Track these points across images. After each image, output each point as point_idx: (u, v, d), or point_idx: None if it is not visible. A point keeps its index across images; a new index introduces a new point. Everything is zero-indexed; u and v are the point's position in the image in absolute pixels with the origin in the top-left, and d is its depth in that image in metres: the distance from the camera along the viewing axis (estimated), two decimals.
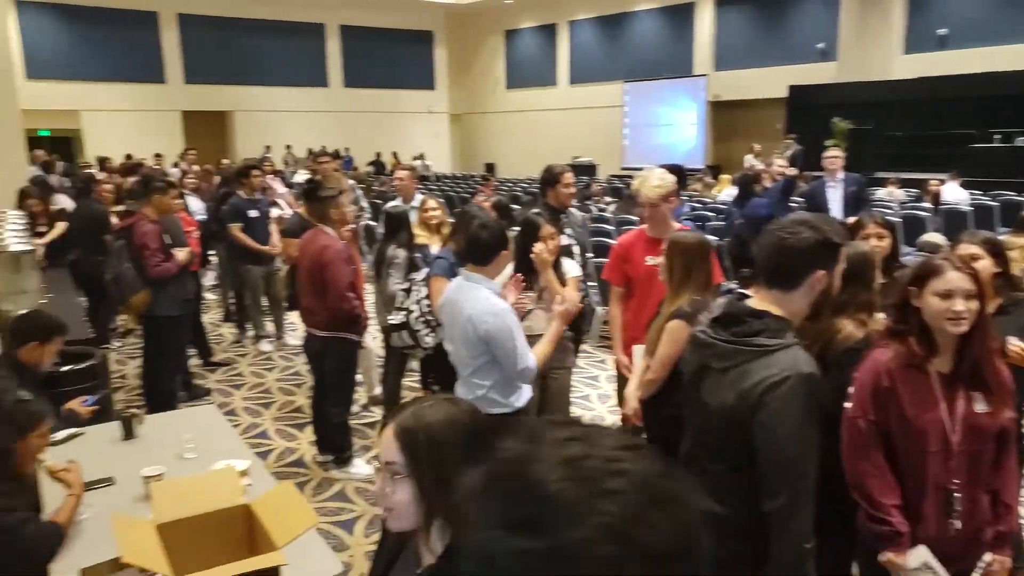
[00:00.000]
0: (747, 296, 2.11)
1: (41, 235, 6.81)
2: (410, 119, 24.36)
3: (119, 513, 1.86)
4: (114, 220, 6.61)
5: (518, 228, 3.76)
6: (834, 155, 6.75)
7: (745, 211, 7.20)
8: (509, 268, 3.54)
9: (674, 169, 4.27)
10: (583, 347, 6.33)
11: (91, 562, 1.85)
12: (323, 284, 4.24)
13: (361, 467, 4.50)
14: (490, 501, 0.65)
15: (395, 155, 21.87)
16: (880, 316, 2.48)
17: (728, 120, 19.62)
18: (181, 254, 5.03)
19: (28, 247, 4.86)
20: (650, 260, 3.63)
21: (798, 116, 16.30)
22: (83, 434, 3.39)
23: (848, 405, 2.19)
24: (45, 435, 2.62)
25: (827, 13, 16.92)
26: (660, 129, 20.83)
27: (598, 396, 5.72)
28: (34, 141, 11.45)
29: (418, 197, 5.85)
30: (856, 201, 6.48)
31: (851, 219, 4.26)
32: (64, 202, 8.06)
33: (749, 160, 14.46)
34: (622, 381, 3.89)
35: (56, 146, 15.89)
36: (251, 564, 1.68)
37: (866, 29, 15.82)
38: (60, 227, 7.06)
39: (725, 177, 13.12)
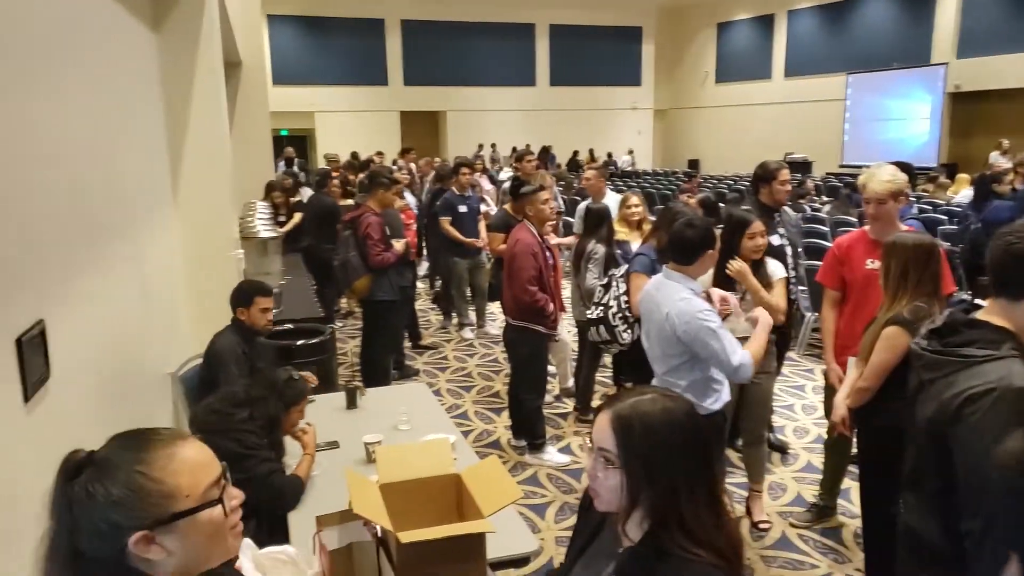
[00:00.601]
0: (979, 307, 1.97)
1: (282, 224, 7.64)
2: (614, 116, 24.43)
3: (352, 471, 2.09)
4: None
5: (722, 226, 3.69)
6: None
7: (984, 215, 6.53)
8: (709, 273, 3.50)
9: (903, 167, 4.00)
10: (789, 355, 6.08)
11: (323, 511, 2.09)
12: (511, 274, 4.45)
13: (554, 455, 4.64)
14: None
15: (591, 152, 21.99)
16: None
17: (970, 113, 17.65)
18: (399, 245, 5.45)
19: (274, 234, 5.47)
20: (871, 264, 3.44)
21: None
22: (314, 401, 3.82)
23: None
24: (303, 411, 2.98)
25: None
26: (887, 124, 19.23)
27: (803, 407, 5.46)
28: (275, 140, 12.75)
29: (612, 194, 5.90)
30: None
31: None
32: (309, 195, 8.94)
33: (995, 158, 12.97)
34: (829, 390, 3.71)
35: (292, 144, 17.68)
36: (463, 528, 1.82)
37: None
38: (297, 217, 7.87)
39: (963, 176, 11.80)
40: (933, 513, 1.86)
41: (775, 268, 3.69)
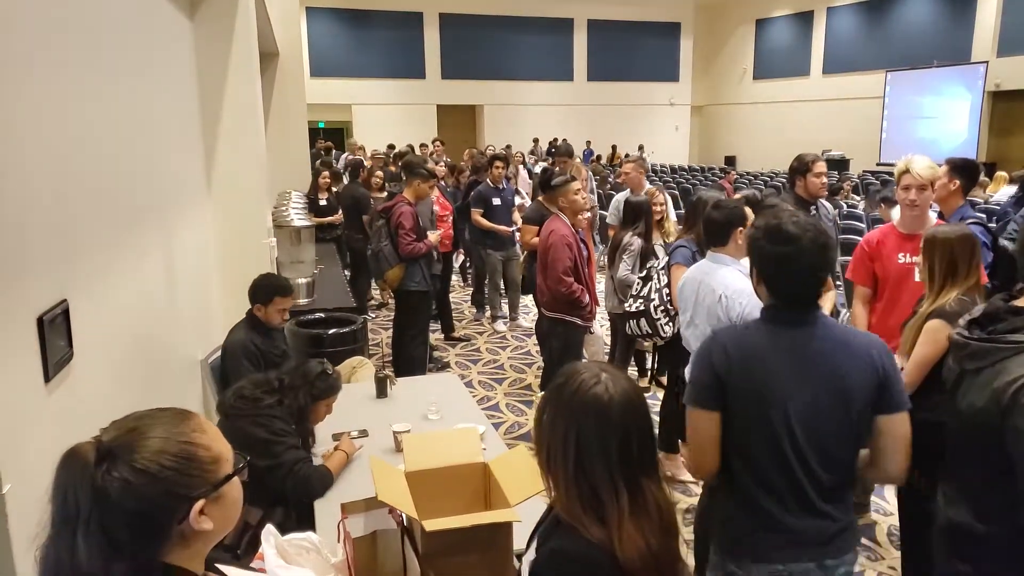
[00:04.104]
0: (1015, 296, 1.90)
1: (322, 208, 7.67)
2: (651, 111, 24.22)
3: (378, 458, 2.07)
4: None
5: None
6: None
7: None
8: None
9: (969, 164, 3.89)
10: None
11: (350, 499, 2.08)
12: (545, 266, 4.42)
13: None
14: (762, 238, 1.91)
15: (614, 148, 21.73)
16: None
17: (1009, 112, 17.28)
18: (433, 236, 5.43)
19: (307, 223, 5.48)
20: (903, 258, 3.35)
21: None
22: (341, 389, 3.85)
23: None
24: (331, 406, 2.96)
25: None
26: (925, 122, 18.82)
27: None
28: (312, 133, 12.80)
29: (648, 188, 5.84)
30: None
31: None
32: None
33: None
34: None
35: (328, 136, 17.83)
36: (489, 516, 1.79)
37: None
38: (338, 216, 7.84)
39: (1001, 175, 11.59)
40: (975, 505, 1.79)
41: None
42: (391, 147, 16.06)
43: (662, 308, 4.07)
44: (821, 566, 1.86)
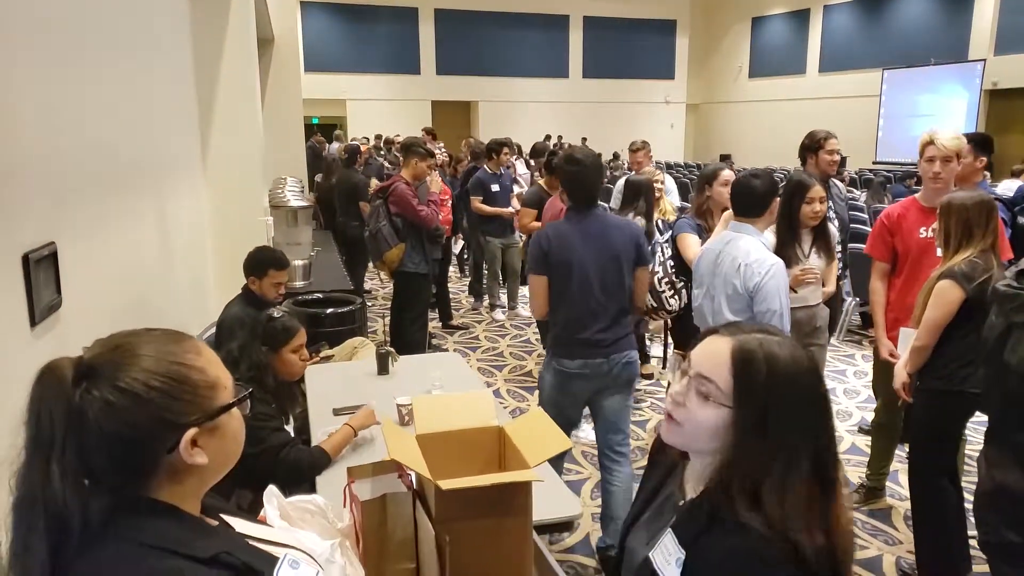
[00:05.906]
0: None
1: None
2: (647, 109, 24.13)
3: (388, 419, 1.96)
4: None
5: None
6: None
7: None
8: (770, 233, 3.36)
9: (983, 137, 3.81)
10: (830, 341, 5.87)
11: (354, 464, 1.96)
12: None
13: (588, 432, 4.47)
14: (563, 163, 3.07)
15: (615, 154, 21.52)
16: None
17: (1008, 110, 17.21)
18: (432, 184, 5.30)
19: (304, 204, 5.35)
20: (924, 232, 3.25)
21: None
22: (333, 356, 3.75)
23: None
24: (298, 349, 2.74)
25: None
26: (922, 120, 18.69)
27: (844, 391, 5.26)
28: (306, 128, 12.62)
29: (669, 179, 5.79)
30: None
31: None
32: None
33: None
34: (879, 367, 3.55)
35: (323, 132, 17.66)
36: (508, 477, 1.68)
37: None
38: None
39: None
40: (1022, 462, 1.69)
41: (834, 234, 3.57)
42: (379, 137, 15.86)
43: (666, 280, 3.97)
44: (608, 361, 2.97)
